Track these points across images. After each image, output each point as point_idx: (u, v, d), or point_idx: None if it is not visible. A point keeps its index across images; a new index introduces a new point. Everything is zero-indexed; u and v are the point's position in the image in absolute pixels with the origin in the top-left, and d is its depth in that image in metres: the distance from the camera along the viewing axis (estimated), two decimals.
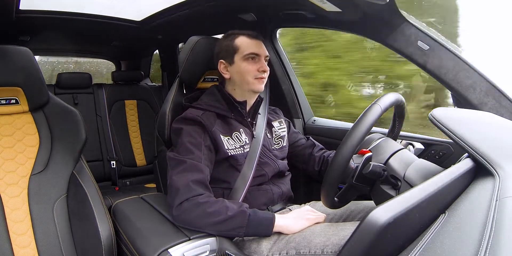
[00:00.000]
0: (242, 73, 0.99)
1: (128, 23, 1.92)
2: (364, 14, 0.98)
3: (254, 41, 1.00)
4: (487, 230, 0.41)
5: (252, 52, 0.98)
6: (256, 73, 0.98)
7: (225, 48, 1.01)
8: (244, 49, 0.99)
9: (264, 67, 0.99)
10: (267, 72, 1.00)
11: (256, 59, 0.99)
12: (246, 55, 0.98)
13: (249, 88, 1.00)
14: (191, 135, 0.92)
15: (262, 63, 0.99)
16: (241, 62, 0.99)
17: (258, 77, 0.99)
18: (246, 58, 0.98)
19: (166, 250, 0.75)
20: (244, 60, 0.98)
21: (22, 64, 0.95)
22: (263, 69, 0.98)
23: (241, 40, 1.00)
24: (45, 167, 0.96)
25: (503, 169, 0.56)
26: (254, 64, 0.98)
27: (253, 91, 1.01)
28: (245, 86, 1.00)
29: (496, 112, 0.92)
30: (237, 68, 0.99)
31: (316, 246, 0.80)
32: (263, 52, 1.00)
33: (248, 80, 0.99)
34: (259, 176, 1.00)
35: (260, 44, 1.01)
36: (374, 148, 0.87)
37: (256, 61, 0.99)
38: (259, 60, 0.99)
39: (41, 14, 1.63)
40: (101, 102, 2.23)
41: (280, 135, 1.13)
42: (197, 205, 0.82)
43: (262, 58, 1.00)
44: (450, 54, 0.96)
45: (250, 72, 0.98)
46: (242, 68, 0.98)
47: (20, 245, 0.88)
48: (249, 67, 0.98)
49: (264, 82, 1.01)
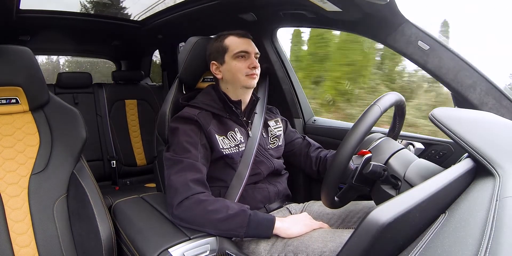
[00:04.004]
0: (233, 71, 1.00)
1: (128, 23, 1.93)
2: (364, 14, 0.98)
3: (242, 40, 1.02)
4: (487, 230, 0.41)
5: (241, 50, 1.00)
6: (247, 70, 1.00)
7: (216, 49, 1.03)
8: (234, 48, 1.00)
9: (255, 63, 1.00)
10: (257, 68, 1.02)
11: (246, 57, 1.01)
12: (236, 53, 1.00)
13: (241, 85, 1.01)
14: (188, 134, 0.93)
15: (252, 60, 1.01)
16: (231, 61, 1.00)
17: (249, 74, 1.00)
18: (236, 56, 1.00)
19: (166, 250, 0.75)
20: (234, 58, 1.00)
21: (23, 64, 0.95)
22: (254, 65, 1.00)
23: (230, 40, 1.02)
24: (45, 166, 0.96)
25: (503, 169, 0.56)
26: (245, 62, 1.00)
27: (246, 87, 1.02)
28: (237, 84, 1.01)
29: (496, 112, 0.92)
30: (228, 67, 1.01)
31: (313, 251, 0.80)
32: (252, 50, 1.01)
33: (239, 77, 1.00)
34: (254, 175, 1.01)
35: (249, 42, 1.03)
36: (374, 148, 0.87)
37: (246, 59, 1.01)
38: (249, 58, 1.01)
39: (41, 14, 1.64)
40: (101, 101, 2.23)
41: (275, 134, 1.13)
42: (197, 203, 0.82)
43: (252, 55, 1.01)
44: (450, 54, 0.96)
45: (241, 69, 1.00)
46: (233, 66, 1.00)
47: (20, 244, 0.88)
48: (239, 65, 1.00)
49: (256, 78, 1.02)
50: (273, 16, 1.33)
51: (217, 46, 1.03)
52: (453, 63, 0.96)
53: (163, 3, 1.57)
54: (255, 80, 1.02)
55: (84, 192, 0.92)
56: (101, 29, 1.94)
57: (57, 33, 1.88)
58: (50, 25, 1.77)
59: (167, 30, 1.92)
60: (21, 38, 1.86)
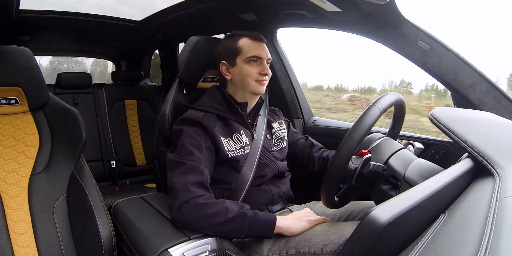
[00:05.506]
0: (243, 75, 0.98)
1: (128, 23, 1.92)
2: (364, 14, 0.98)
3: (257, 44, 0.99)
4: (487, 230, 0.41)
5: (254, 55, 0.97)
6: (257, 76, 0.98)
7: (228, 49, 1.00)
8: (247, 51, 0.98)
9: (266, 70, 0.98)
10: (268, 75, 0.99)
11: (258, 62, 0.98)
12: (249, 57, 0.97)
13: (250, 90, 0.99)
14: (192, 136, 0.92)
15: (264, 66, 0.98)
16: (243, 65, 0.98)
17: (259, 80, 0.98)
18: (248, 60, 0.98)
19: (166, 250, 0.75)
20: (246, 62, 0.98)
21: (22, 64, 0.95)
22: (265, 72, 0.98)
23: (244, 42, 0.99)
24: (45, 167, 0.96)
25: (503, 169, 0.56)
26: (256, 67, 0.98)
27: (254, 93, 1.00)
28: (246, 88, 1.00)
29: (496, 112, 0.92)
30: (239, 70, 0.99)
31: (316, 245, 0.80)
32: (265, 55, 0.99)
33: (249, 82, 0.98)
34: (258, 177, 1.00)
35: (263, 46, 1.00)
36: (374, 148, 0.87)
37: (258, 64, 0.98)
38: (261, 63, 0.98)
39: (41, 14, 1.64)
40: (101, 102, 2.23)
41: (279, 136, 1.12)
42: (197, 207, 0.82)
43: (264, 61, 0.99)
44: (450, 54, 0.96)
45: (252, 74, 0.97)
46: (244, 70, 0.98)
47: (20, 244, 0.88)
48: (251, 70, 0.97)
49: (266, 85, 1.01)
50: (273, 16, 1.33)
51: (229, 46, 1.00)
52: (453, 63, 0.96)
53: (163, 3, 1.57)
54: (264, 87, 1.00)
55: (84, 192, 0.92)
56: (101, 29, 1.94)
57: (57, 33, 1.88)
58: (50, 25, 1.77)
59: (167, 30, 1.92)
60: (21, 38, 1.86)
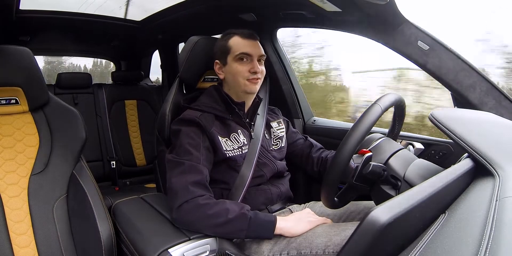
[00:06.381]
0: (233, 74, 0.97)
1: (128, 23, 1.93)
2: (364, 14, 0.98)
3: (246, 41, 0.97)
4: (487, 230, 0.41)
5: (242, 52, 0.96)
6: (247, 74, 0.96)
7: (220, 49, 1.00)
8: (236, 49, 0.97)
9: (256, 68, 0.95)
10: (260, 72, 0.97)
11: (248, 60, 0.96)
12: (237, 55, 0.96)
13: (241, 90, 0.98)
14: (190, 136, 0.92)
15: (254, 63, 0.96)
16: (233, 63, 0.97)
17: (250, 79, 0.96)
18: (238, 58, 0.96)
19: (166, 250, 0.75)
20: (236, 60, 0.97)
21: (22, 64, 0.95)
22: (254, 70, 0.95)
23: (234, 40, 0.98)
24: (45, 167, 0.96)
25: (503, 169, 0.56)
26: (246, 65, 0.96)
27: (246, 92, 0.99)
28: (237, 88, 0.99)
29: (496, 112, 0.92)
30: (229, 69, 0.98)
31: (317, 246, 0.80)
32: (256, 52, 0.97)
33: (240, 81, 0.97)
34: (257, 177, 1.00)
35: (254, 43, 0.98)
36: (374, 148, 0.87)
37: (248, 62, 0.96)
38: (251, 61, 0.96)
39: (41, 14, 1.64)
40: (101, 102, 2.23)
41: (278, 135, 1.12)
42: (197, 207, 0.82)
43: (255, 58, 0.97)
44: (450, 54, 0.96)
45: (241, 73, 0.96)
46: (234, 69, 0.97)
47: (20, 245, 0.88)
48: (240, 68, 0.96)
49: (259, 83, 0.99)
50: (273, 16, 1.33)
51: (221, 45, 1.00)
52: (453, 63, 0.96)
53: (163, 3, 1.57)
54: (256, 85, 0.98)
55: (84, 193, 0.92)
56: (101, 29, 1.94)
57: (57, 33, 1.88)
58: (50, 25, 1.77)
59: (167, 30, 1.92)
60: (21, 38, 1.87)
